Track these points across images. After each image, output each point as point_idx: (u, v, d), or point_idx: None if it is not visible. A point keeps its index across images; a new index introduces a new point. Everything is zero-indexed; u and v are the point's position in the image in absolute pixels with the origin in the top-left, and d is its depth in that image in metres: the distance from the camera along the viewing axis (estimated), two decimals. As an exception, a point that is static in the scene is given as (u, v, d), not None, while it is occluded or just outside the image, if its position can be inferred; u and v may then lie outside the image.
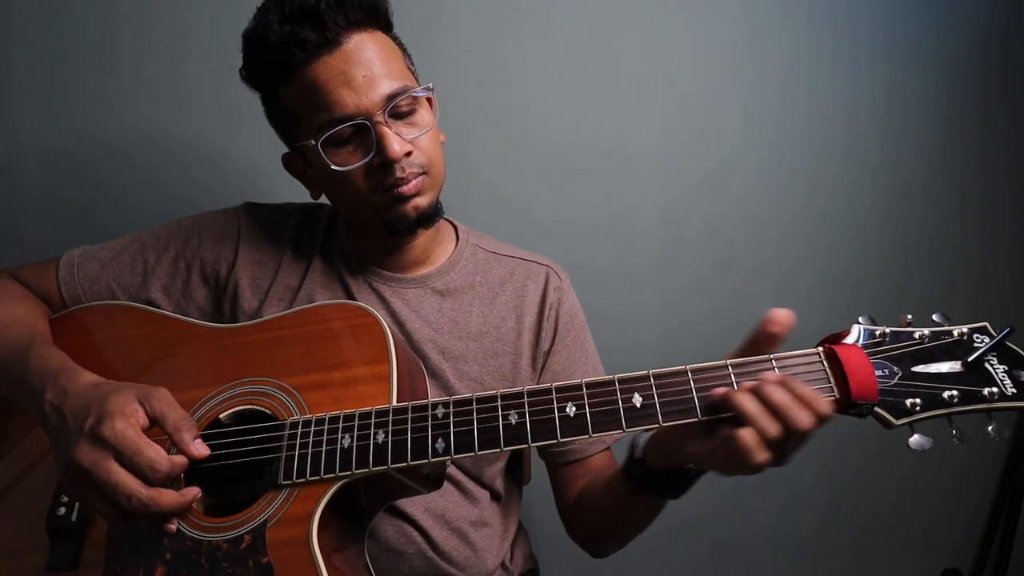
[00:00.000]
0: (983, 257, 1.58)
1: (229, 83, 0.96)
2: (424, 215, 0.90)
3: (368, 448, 0.74)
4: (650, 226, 1.47)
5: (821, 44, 1.46)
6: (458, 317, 0.98)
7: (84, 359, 0.88)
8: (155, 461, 0.69)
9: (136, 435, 0.70)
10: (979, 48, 1.51)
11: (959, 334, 0.71)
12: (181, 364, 0.87)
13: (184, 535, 0.74)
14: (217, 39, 0.93)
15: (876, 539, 1.65)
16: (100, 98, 1.30)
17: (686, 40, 1.43)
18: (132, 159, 1.32)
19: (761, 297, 1.50)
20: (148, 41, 1.29)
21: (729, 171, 1.48)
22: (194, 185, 1.34)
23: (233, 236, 0.99)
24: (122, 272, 0.97)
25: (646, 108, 1.43)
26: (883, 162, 1.51)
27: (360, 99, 0.84)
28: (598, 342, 1.08)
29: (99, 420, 0.70)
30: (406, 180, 0.87)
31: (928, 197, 1.55)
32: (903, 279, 1.55)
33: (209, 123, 1.32)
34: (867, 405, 0.67)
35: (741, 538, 1.60)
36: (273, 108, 0.93)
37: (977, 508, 1.67)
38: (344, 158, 0.87)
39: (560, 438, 0.71)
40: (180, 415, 0.74)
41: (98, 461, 0.69)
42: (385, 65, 0.87)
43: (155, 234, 1.00)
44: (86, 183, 1.32)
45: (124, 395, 0.73)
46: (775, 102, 1.46)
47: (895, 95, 1.49)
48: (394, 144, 0.85)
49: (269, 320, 0.88)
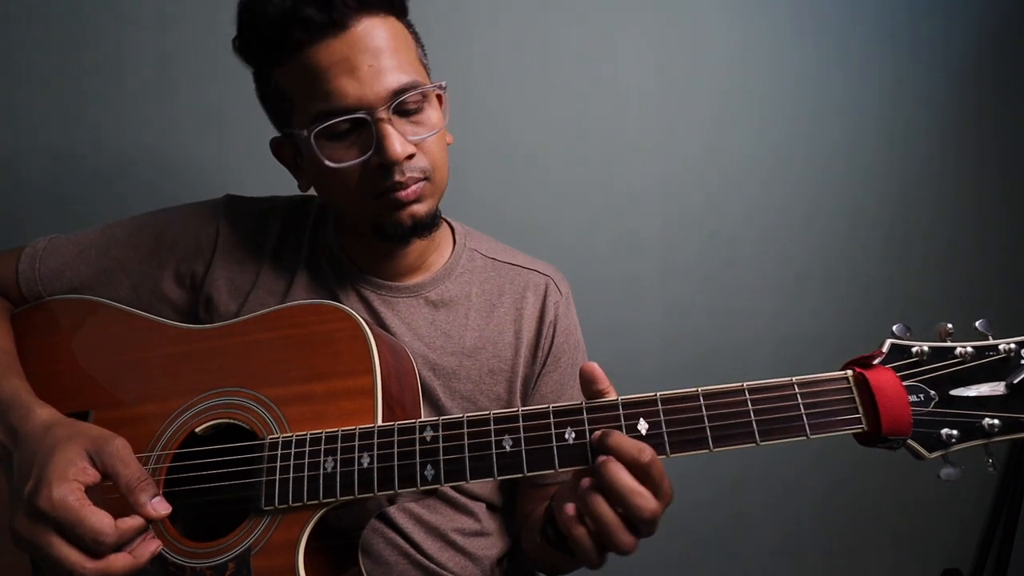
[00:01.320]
0: (984, 257, 1.56)
1: (230, 84, 0.87)
2: (420, 224, 0.81)
3: (352, 474, 0.69)
4: (651, 226, 1.44)
5: (823, 45, 1.43)
6: (452, 331, 0.90)
7: (49, 363, 0.83)
8: (99, 533, 0.62)
9: (77, 504, 0.62)
10: (981, 48, 1.47)
11: (1006, 350, 0.63)
12: (152, 370, 0.80)
13: (166, 560, 0.71)
14: (217, 38, 0.83)
15: (876, 539, 1.66)
16: (101, 97, 1.24)
17: (688, 41, 1.39)
18: (132, 157, 1.26)
19: (763, 297, 1.49)
20: (148, 41, 1.23)
21: (730, 171, 1.44)
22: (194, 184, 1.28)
23: (211, 233, 0.89)
24: (88, 269, 0.89)
25: (647, 108, 1.40)
26: (886, 162, 1.48)
27: (363, 91, 0.74)
28: (598, 344, 1.01)
29: (36, 488, 0.63)
30: (405, 185, 0.77)
31: (932, 197, 1.52)
32: (909, 280, 1.53)
33: (210, 122, 1.26)
34: (898, 440, 0.60)
35: (740, 539, 1.60)
36: (266, 88, 0.82)
37: (977, 508, 1.68)
38: (339, 154, 0.77)
39: (559, 468, 0.65)
40: (134, 473, 0.67)
41: (37, 534, 0.63)
42: (395, 56, 0.76)
43: (126, 228, 0.91)
44: (87, 181, 1.26)
45: (70, 451, 0.66)
46: (777, 103, 1.43)
47: (897, 95, 1.47)
48: (396, 145, 0.75)
49: (243, 322, 0.81)
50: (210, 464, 0.73)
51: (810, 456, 1.55)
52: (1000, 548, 1.64)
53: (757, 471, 1.54)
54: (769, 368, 1.41)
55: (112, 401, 0.80)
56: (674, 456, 0.63)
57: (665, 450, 0.63)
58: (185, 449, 0.75)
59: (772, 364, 1.46)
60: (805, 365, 0.71)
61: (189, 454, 0.74)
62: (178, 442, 0.75)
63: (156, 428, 0.77)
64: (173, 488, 0.74)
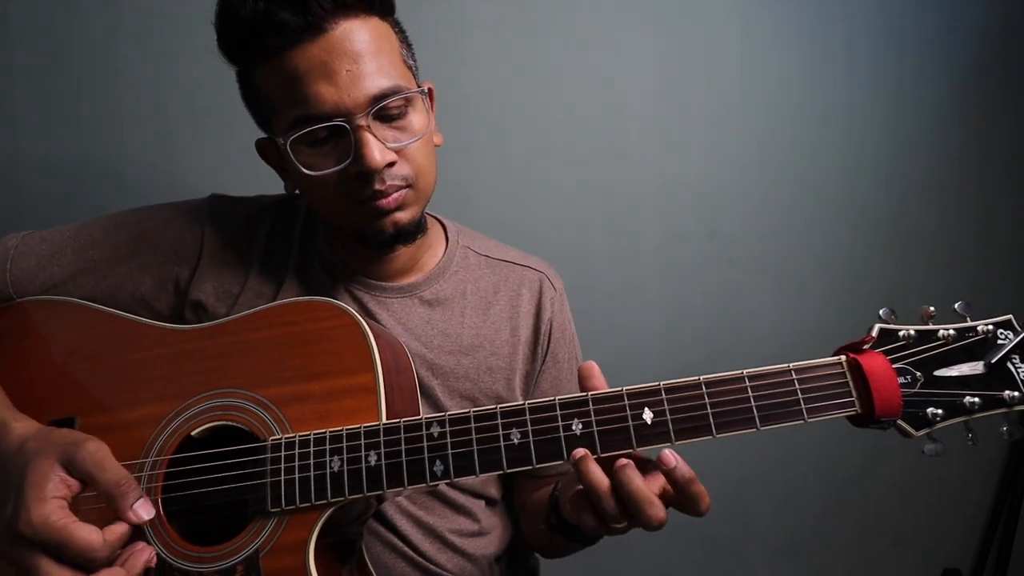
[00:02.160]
0: (985, 256, 1.59)
1: (220, 83, 0.84)
2: (403, 232, 0.80)
3: (360, 472, 0.69)
4: (650, 225, 1.44)
5: (822, 44, 1.43)
6: (449, 329, 0.89)
7: (29, 367, 0.80)
8: (88, 549, 0.60)
9: (60, 523, 0.60)
10: (985, 46, 1.48)
11: (984, 331, 0.67)
12: (140, 372, 0.78)
13: (171, 567, 0.70)
14: (206, 38, 0.80)
15: (876, 539, 1.70)
16: (101, 97, 1.21)
17: (687, 39, 1.38)
18: (120, 156, 1.23)
19: (762, 296, 1.50)
20: (138, 41, 1.20)
21: (730, 170, 1.44)
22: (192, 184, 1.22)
23: (196, 235, 0.86)
24: (62, 271, 0.85)
25: (646, 107, 1.39)
26: (884, 160, 1.50)
27: (341, 97, 0.71)
28: (597, 342, 1.03)
29: (15, 512, 0.61)
30: (386, 193, 0.76)
31: (929, 195, 1.54)
32: (905, 276, 1.56)
33: (199, 121, 1.23)
34: (889, 420, 0.64)
35: (741, 538, 1.63)
36: (248, 89, 0.79)
37: (977, 508, 1.72)
38: (318, 161, 0.75)
39: (567, 459, 0.67)
40: (110, 478, 0.64)
41: (27, 559, 0.60)
42: (375, 59, 0.73)
43: (104, 227, 0.86)
44: (74, 181, 1.21)
45: (42, 466, 0.63)
46: (776, 102, 1.43)
47: (895, 94, 1.48)
48: (375, 153, 0.73)
49: (233, 321, 0.79)
50: (210, 468, 0.72)
51: (812, 457, 1.59)
52: (1000, 548, 1.67)
53: (760, 471, 1.57)
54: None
55: (98, 406, 0.77)
56: (679, 443, 0.66)
57: (670, 437, 0.65)
58: (182, 454, 0.73)
59: (771, 364, 1.48)
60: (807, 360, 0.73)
61: (187, 459, 0.73)
62: (173, 447, 0.74)
63: (148, 433, 0.75)
64: (172, 494, 0.72)
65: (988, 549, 1.72)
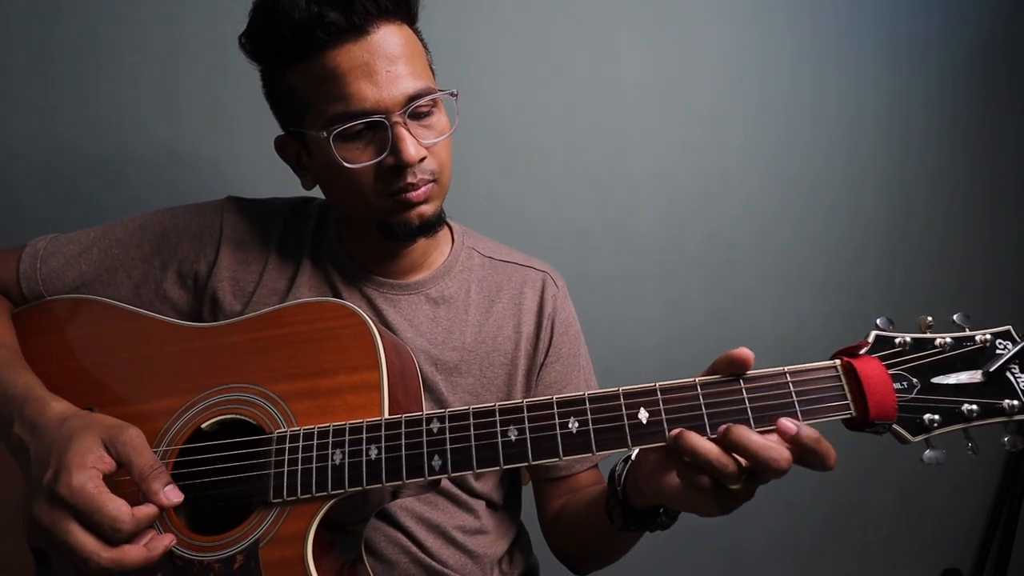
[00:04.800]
0: (986, 258, 1.58)
1: (229, 83, 0.87)
2: (427, 223, 0.85)
3: (360, 465, 0.70)
4: (651, 227, 1.45)
5: (823, 46, 1.43)
6: (453, 327, 0.92)
7: (51, 362, 0.83)
8: (117, 520, 0.63)
9: (96, 490, 0.64)
10: (983, 48, 1.48)
11: (982, 340, 0.67)
12: (155, 368, 0.81)
13: (174, 554, 0.72)
14: (218, 38, 0.85)
15: (876, 540, 1.68)
16: (101, 97, 1.23)
17: (687, 42, 1.39)
18: (134, 156, 1.25)
19: (762, 298, 1.50)
20: (149, 41, 1.22)
21: (730, 171, 1.45)
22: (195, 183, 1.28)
23: (214, 233, 0.91)
24: (89, 269, 0.90)
25: (647, 110, 1.40)
26: (885, 163, 1.49)
27: (381, 95, 0.77)
28: (598, 344, 1.04)
29: (56, 475, 0.64)
30: (416, 186, 0.81)
31: (929, 196, 1.53)
32: (906, 280, 1.55)
33: (210, 121, 1.26)
34: (884, 424, 0.64)
35: (742, 540, 1.62)
36: (277, 86, 0.84)
37: (977, 508, 1.70)
38: (354, 154, 0.80)
39: (563, 456, 0.68)
40: (147, 462, 0.68)
41: (56, 520, 0.63)
42: (410, 62, 0.79)
43: (128, 228, 0.92)
44: (90, 180, 1.25)
45: (87, 440, 0.67)
46: (776, 104, 1.44)
47: (896, 96, 1.47)
48: (410, 148, 0.78)
49: (246, 320, 0.82)
50: (217, 459, 0.74)
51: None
52: (1000, 548, 1.65)
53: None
54: (767, 367, 1.42)
55: (115, 398, 0.80)
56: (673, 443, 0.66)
57: (665, 438, 0.66)
58: (192, 444, 0.76)
59: (770, 364, 1.48)
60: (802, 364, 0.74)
61: (196, 449, 0.75)
62: (184, 438, 0.76)
63: (161, 424, 0.78)
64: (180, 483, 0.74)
65: (988, 549, 1.69)
